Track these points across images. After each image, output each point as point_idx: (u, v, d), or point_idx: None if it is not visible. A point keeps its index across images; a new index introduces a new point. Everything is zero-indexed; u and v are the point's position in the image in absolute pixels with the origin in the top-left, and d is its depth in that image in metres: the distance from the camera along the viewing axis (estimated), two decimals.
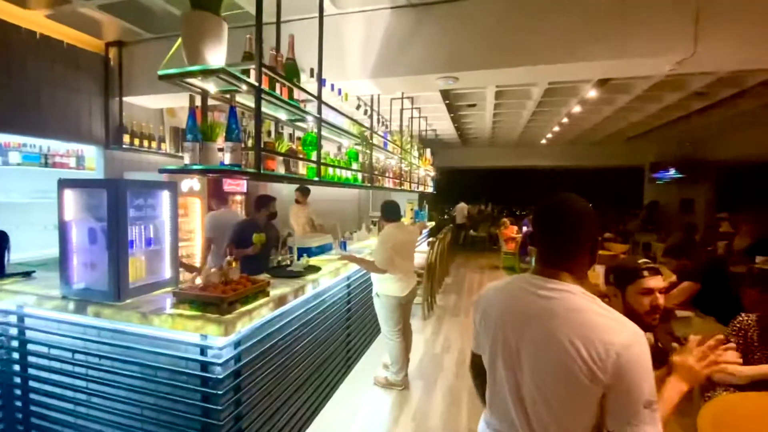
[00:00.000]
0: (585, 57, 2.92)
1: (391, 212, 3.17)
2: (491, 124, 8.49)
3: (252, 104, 1.96)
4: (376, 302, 3.15)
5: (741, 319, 2.02)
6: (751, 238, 4.29)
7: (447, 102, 6.29)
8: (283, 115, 2.53)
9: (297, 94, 2.33)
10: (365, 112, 4.15)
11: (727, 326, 2.08)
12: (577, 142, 10.71)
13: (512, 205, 16.58)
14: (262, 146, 1.95)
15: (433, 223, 8.46)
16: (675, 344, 1.33)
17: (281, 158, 2.25)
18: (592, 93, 5.75)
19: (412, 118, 6.17)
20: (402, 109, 5.32)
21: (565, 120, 7.70)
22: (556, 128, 8.58)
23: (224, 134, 1.84)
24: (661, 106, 6.65)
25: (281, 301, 2.16)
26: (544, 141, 10.38)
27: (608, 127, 8.69)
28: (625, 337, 0.92)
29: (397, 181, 5.08)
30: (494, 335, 1.08)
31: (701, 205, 10.01)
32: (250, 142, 2.06)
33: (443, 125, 8.30)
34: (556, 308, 0.98)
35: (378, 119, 4.55)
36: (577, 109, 6.71)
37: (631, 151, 10.72)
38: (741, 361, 1.17)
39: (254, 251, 3.12)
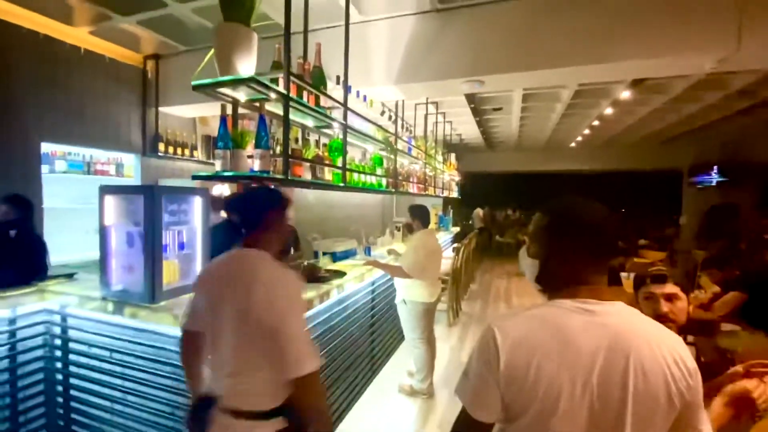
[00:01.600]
0: (618, 57, 2.82)
1: (422, 217, 3.18)
2: (518, 128, 8.34)
3: (280, 112, 2.01)
4: (402, 309, 3.14)
5: None
6: None
7: (472, 106, 6.24)
8: (310, 122, 2.58)
9: (323, 101, 2.36)
10: (390, 118, 4.16)
11: None
12: (610, 145, 10.35)
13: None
14: (289, 153, 1.99)
15: (457, 229, 8.37)
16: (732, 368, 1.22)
17: (308, 164, 2.28)
18: (625, 94, 5.55)
19: (436, 122, 6.15)
20: (426, 114, 5.31)
21: (596, 122, 7.47)
22: (587, 131, 8.33)
23: (254, 142, 1.89)
24: (700, 106, 6.34)
25: (308, 305, 2.19)
26: (573, 144, 10.09)
27: (643, 129, 8.35)
28: (683, 346, 0.84)
29: (422, 186, 5.06)
30: (558, 388, 0.79)
31: (746, 211, 9.41)
32: (278, 149, 2.10)
33: (468, 129, 8.22)
34: (631, 333, 0.80)
35: (402, 125, 4.55)
36: (609, 110, 6.50)
37: (669, 153, 10.25)
38: None
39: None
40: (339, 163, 2.60)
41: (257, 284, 1.19)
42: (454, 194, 8.33)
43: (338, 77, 2.66)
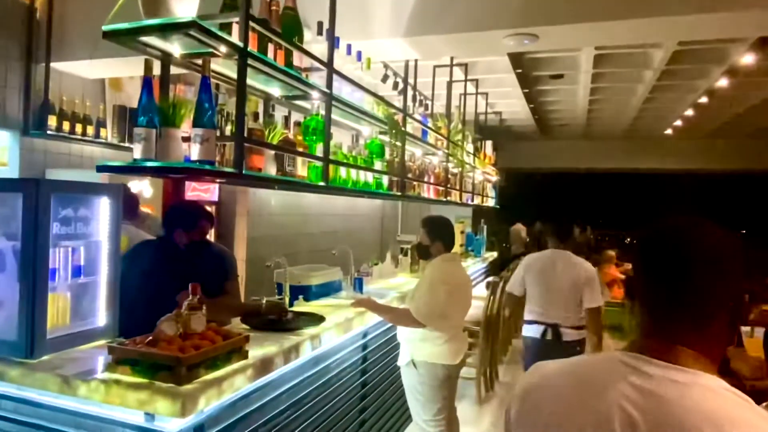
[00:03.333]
0: (736, 3, 2.86)
1: (444, 236, 3.19)
2: (587, 106, 8.38)
3: (233, 74, 2.02)
4: (409, 375, 3.13)
5: None
6: None
7: (519, 72, 6.29)
8: (276, 90, 2.60)
9: (298, 59, 2.39)
10: (396, 87, 4.22)
11: None
12: (723, 135, 10.41)
13: (619, 229, 16.17)
14: (245, 135, 2.00)
15: (494, 254, 8.37)
16: None
17: (272, 152, 2.29)
18: (747, 58, 5.60)
19: (465, 95, 6.18)
20: (450, 82, 5.35)
21: (703, 100, 7.53)
22: (689, 111, 8.39)
23: (192, 117, 1.90)
24: None
25: (265, 366, 2.17)
26: (669, 131, 10.17)
27: None
28: None
29: (442, 188, 5.08)
30: None
31: None
32: (228, 129, 2.11)
33: (513, 107, 8.27)
34: (685, 419, 0.82)
35: (415, 97, 4.60)
36: (723, 82, 6.56)
37: None
38: None
39: None
40: (319, 151, 2.60)
41: None
42: (491, 202, 8.37)
43: (320, 24, 2.67)
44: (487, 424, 4.46)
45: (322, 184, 2.61)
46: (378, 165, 3.51)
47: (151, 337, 1.97)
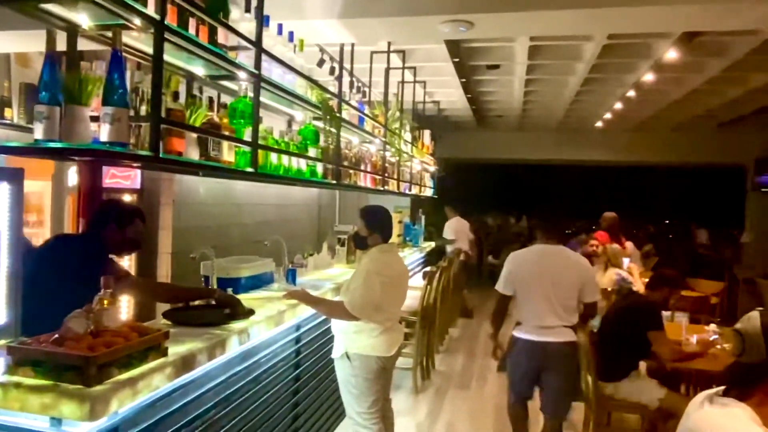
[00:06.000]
0: None
1: (382, 226, 3.17)
2: (522, 98, 8.61)
3: (149, 49, 1.94)
4: (342, 368, 3.10)
5: None
6: None
7: (456, 60, 6.35)
8: (200, 69, 2.51)
9: (223, 36, 2.32)
10: (332, 72, 4.16)
11: None
12: (649, 128, 11.01)
13: (554, 218, 16.84)
14: (162, 115, 1.92)
15: (432, 244, 8.48)
16: None
17: (194, 135, 2.22)
18: (671, 54, 5.91)
19: (403, 82, 6.21)
20: (388, 69, 5.34)
21: (631, 93, 7.89)
22: (618, 105, 8.79)
23: (101, 94, 1.80)
24: None
25: (187, 364, 2.10)
26: (600, 124, 10.63)
27: (695, 106, 8.96)
28: None
29: (379, 177, 5.07)
30: None
31: None
32: (143, 109, 2.01)
33: (451, 96, 8.37)
34: None
35: (351, 83, 4.56)
36: (649, 77, 6.90)
37: (728, 142, 11.10)
38: None
39: None
40: (247, 136, 2.54)
41: None
42: (429, 192, 8.46)
43: (248, 0, 2.60)
44: (423, 414, 4.51)
45: (250, 170, 2.55)
46: (312, 152, 3.46)
47: (57, 336, 1.84)
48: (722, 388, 1.47)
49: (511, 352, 3.49)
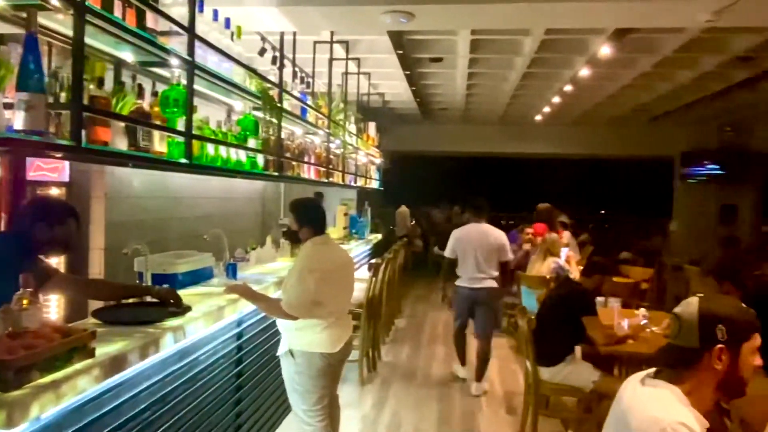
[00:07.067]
0: None
1: (313, 217, 3.08)
2: (465, 91, 8.74)
3: (69, 31, 1.82)
4: (287, 365, 3.04)
5: None
6: None
7: (400, 53, 6.37)
8: (129, 55, 2.40)
9: (152, 20, 2.23)
10: (274, 62, 4.06)
11: None
12: (585, 122, 11.45)
13: (497, 210, 17.23)
14: (86, 102, 1.82)
15: (378, 236, 8.50)
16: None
17: (122, 124, 2.11)
18: (605, 50, 6.13)
19: (347, 73, 6.15)
20: (331, 60, 5.28)
21: (568, 88, 8.16)
22: (556, 98, 9.07)
23: (15, 80, 1.67)
24: (695, 74, 7.30)
25: (116, 364, 2.02)
26: (539, 117, 10.94)
27: (627, 101, 9.38)
28: None
29: (323, 169, 5.02)
30: None
31: (745, 213, 11.14)
32: (64, 96, 1.89)
33: (396, 89, 8.40)
34: None
35: (294, 73, 4.47)
36: (584, 72, 7.14)
37: (658, 135, 11.69)
38: None
39: None
40: (181, 125, 2.45)
41: None
42: (375, 184, 8.47)
43: None
44: (369, 406, 4.52)
45: (184, 161, 2.44)
46: (252, 143, 3.37)
47: None
48: (653, 370, 1.52)
49: (455, 297, 5.14)
